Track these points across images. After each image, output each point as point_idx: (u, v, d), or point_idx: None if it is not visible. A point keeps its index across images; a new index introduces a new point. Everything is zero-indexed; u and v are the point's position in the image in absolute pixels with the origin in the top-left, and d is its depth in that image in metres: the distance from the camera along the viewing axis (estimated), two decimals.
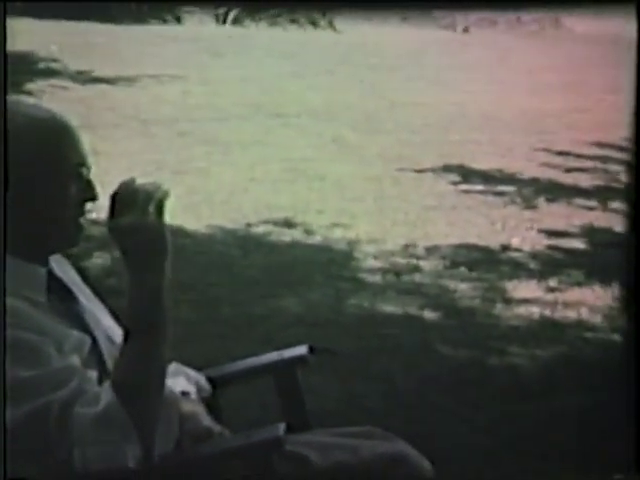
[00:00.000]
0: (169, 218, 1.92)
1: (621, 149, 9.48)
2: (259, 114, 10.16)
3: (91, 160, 2.00)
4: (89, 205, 1.99)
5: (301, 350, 2.44)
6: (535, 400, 3.79)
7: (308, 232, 6.27)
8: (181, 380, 2.25)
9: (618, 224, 6.74)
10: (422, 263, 5.78)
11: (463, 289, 5.33)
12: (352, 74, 12.98)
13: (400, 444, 2.17)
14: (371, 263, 5.74)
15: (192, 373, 2.32)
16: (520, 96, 11.73)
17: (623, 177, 8.37)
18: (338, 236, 6.20)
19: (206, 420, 2.16)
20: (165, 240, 1.89)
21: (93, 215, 2.16)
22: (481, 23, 18.59)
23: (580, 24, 17.78)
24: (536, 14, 18.06)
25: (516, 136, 9.55)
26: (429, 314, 4.90)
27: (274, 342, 4.01)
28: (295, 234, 6.22)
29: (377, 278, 5.48)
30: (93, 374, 1.89)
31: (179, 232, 5.77)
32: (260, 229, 6.29)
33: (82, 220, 1.99)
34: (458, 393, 3.88)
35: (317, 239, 6.16)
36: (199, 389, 2.28)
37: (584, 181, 8.07)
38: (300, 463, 2.09)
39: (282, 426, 1.99)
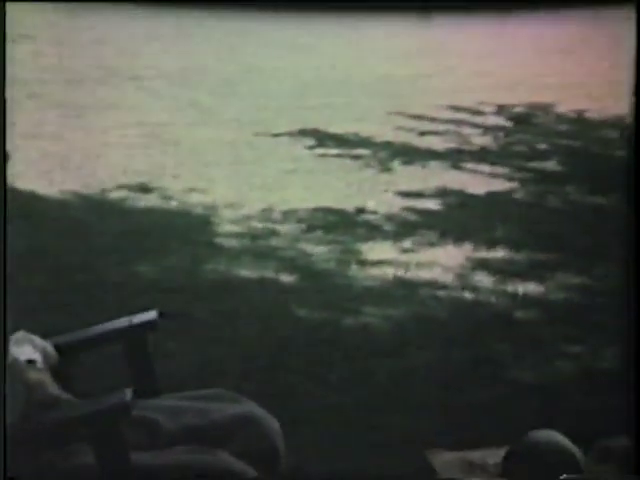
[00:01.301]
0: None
1: (473, 112, 9.72)
2: (114, 77, 9.98)
3: None
4: None
5: (151, 315, 2.43)
6: (387, 357, 3.88)
7: (164, 197, 6.22)
8: (27, 348, 2.22)
9: (470, 185, 6.92)
10: (279, 227, 5.82)
11: (319, 252, 5.38)
12: (208, 38, 12.86)
13: (249, 405, 2.19)
14: (228, 228, 5.74)
15: (38, 341, 2.29)
16: (375, 61, 11.86)
17: (475, 140, 8.60)
18: (195, 201, 6.18)
19: (53, 388, 2.14)
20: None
21: None
22: None
23: None
24: None
25: (371, 100, 9.67)
26: (285, 277, 4.93)
27: (129, 309, 3.97)
28: (151, 199, 6.16)
29: (234, 242, 5.49)
30: None
31: (32, 197, 5.63)
32: (115, 194, 6.20)
33: None
34: (313, 354, 3.93)
35: (173, 204, 6.11)
36: (46, 357, 2.25)
37: (438, 144, 8.24)
38: (149, 428, 2.09)
39: (129, 391, 1.99)
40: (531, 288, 4.75)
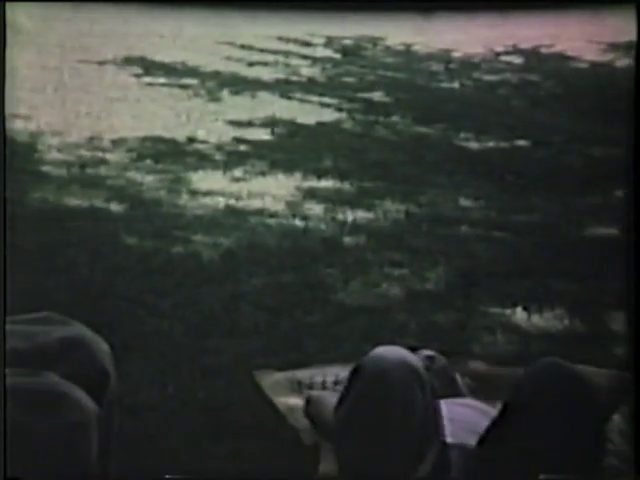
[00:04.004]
0: None
1: (303, 44, 9.76)
2: None
3: None
4: None
5: None
6: (218, 284, 3.90)
7: None
8: None
9: (299, 116, 6.98)
10: (108, 155, 5.73)
11: (149, 181, 5.34)
12: None
13: (78, 327, 2.17)
14: (55, 156, 5.61)
15: None
16: None
17: (304, 71, 8.65)
18: (18, 127, 6.00)
19: None
20: None
21: None
22: None
23: None
24: None
25: (199, 29, 9.57)
26: (115, 206, 4.88)
27: None
28: None
29: (62, 171, 5.38)
30: None
31: None
32: None
33: None
34: (144, 282, 3.92)
35: None
36: None
37: (266, 74, 8.25)
38: None
39: None
40: (359, 215, 4.86)
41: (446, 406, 2.42)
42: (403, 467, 2.00)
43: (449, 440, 2.20)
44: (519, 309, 3.68)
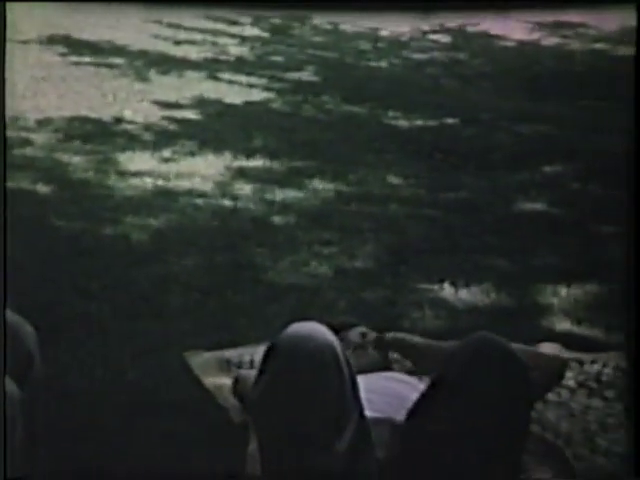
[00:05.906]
0: None
1: (230, 22, 9.71)
2: None
3: None
4: None
5: None
6: (147, 266, 3.88)
7: None
8: None
9: (228, 95, 6.96)
10: (34, 136, 5.65)
11: (77, 162, 5.28)
12: None
13: (7, 314, 2.15)
14: None
15: None
16: None
17: (232, 50, 8.61)
18: None
19: None
20: None
21: None
22: None
23: None
24: None
25: (125, 6, 9.46)
26: (42, 188, 4.81)
27: None
28: None
29: None
30: None
31: None
32: None
33: None
34: (72, 264, 3.88)
35: None
36: None
37: (194, 54, 8.20)
38: None
39: None
40: (289, 194, 4.86)
41: (374, 380, 2.44)
42: (319, 443, 2.00)
43: (375, 415, 2.22)
44: (447, 284, 3.73)
